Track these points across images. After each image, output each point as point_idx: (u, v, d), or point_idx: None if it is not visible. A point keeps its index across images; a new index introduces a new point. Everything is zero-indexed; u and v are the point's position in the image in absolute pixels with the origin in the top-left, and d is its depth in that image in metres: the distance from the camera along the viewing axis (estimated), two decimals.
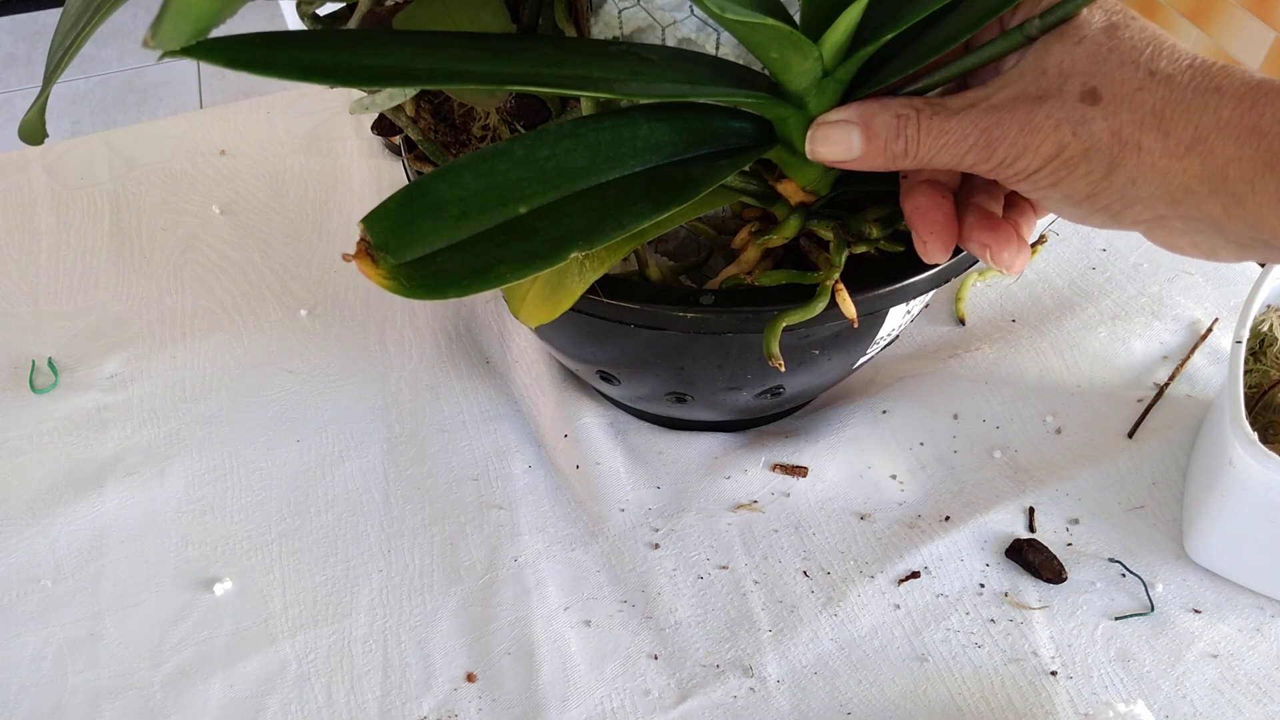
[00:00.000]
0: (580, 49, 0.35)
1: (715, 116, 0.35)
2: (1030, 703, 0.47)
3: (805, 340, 0.45)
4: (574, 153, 0.33)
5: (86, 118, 1.96)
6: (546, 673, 0.49)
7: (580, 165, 0.32)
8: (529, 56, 0.32)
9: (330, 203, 0.74)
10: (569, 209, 0.32)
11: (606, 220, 0.31)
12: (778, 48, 0.31)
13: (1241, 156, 0.27)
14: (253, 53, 0.27)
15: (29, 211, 0.73)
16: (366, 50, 0.30)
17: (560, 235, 0.31)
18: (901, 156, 0.32)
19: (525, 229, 0.31)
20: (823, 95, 0.34)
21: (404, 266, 0.29)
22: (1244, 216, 0.28)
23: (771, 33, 0.30)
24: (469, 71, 0.31)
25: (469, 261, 0.30)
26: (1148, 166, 0.29)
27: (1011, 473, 0.56)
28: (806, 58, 0.32)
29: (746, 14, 0.29)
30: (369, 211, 0.30)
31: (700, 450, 0.57)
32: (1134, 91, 0.29)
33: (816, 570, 0.52)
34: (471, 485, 0.57)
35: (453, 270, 0.30)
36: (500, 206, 0.31)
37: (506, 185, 0.31)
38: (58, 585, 0.53)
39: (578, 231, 0.31)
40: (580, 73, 0.32)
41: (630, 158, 0.33)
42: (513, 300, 0.40)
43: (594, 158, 0.33)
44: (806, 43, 0.31)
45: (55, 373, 0.63)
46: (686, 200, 0.32)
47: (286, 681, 0.49)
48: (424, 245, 0.30)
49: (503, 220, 0.31)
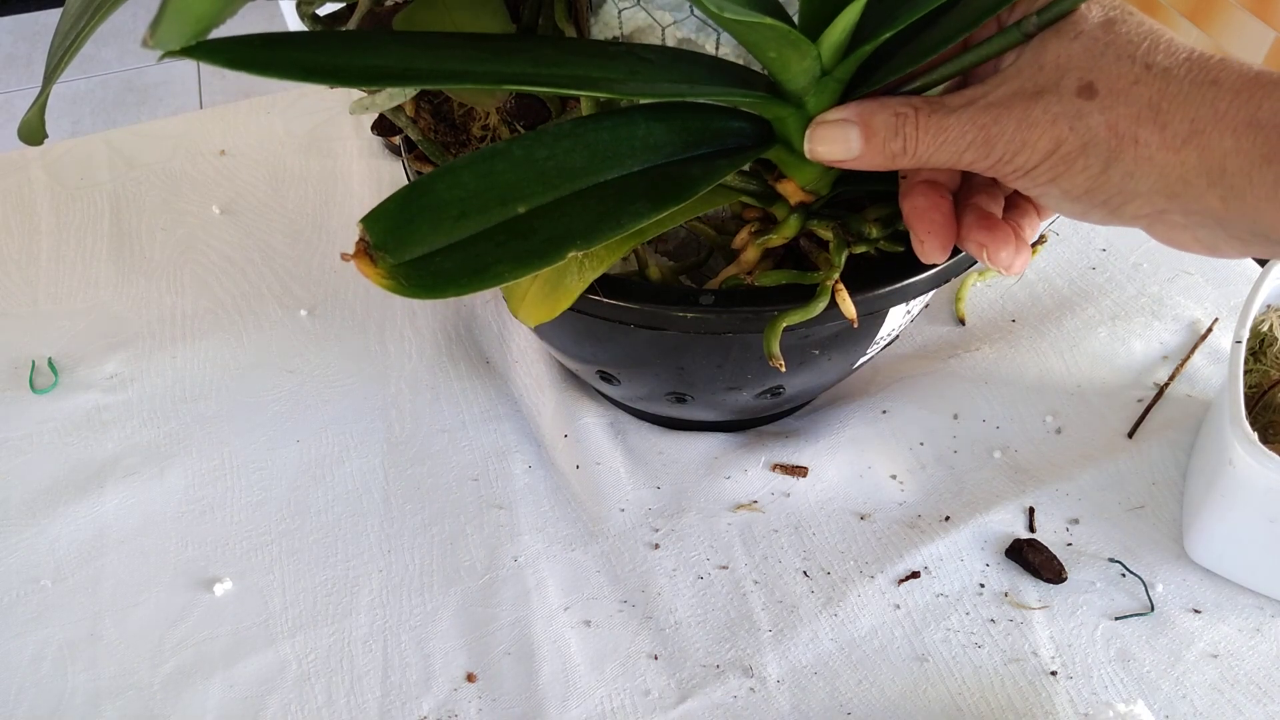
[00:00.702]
0: (580, 49, 0.35)
1: (714, 116, 0.35)
2: (1030, 703, 0.47)
3: (805, 340, 0.45)
4: (573, 153, 0.33)
5: (86, 118, 1.96)
6: (546, 673, 0.49)
7: (579, 165, 0.32)
8: (529, 56, 0.32)
9: (330, 203, 0.74)
10: (567, 209, 0.32)
11: (605, 220, 0.32)
12: (776, 47, 0.31)
13: (1239, 149, 0.27)
14: (253, 53, 0.27)
15: (29, 211, 0.73)
16: (367, 50, 0.30)
17: (558, 235, 0.31)
18: (900, 155, 0.32)
19: (524, 229, 0.31)
20: (821, 94, 0.34)
21: (402, 266, 0.29)
22: (1243, 210, 0.28)
23: (770, 32, 0.30)
24: (469, 71, 0.31)
25: (467, 261, 0.30)
26: (1145, 160, 0.29)
27: (1011, 473, 0.56)
28: (805, 57, 0.32)
29: (745, 14, 0.29)
30: (368, 211, 0.30)
31: (700, 450, 0.57)
32: (1130, 85, 0.29)
33: (816, 570, 0.52)
34: (471, 485, 0.57)
35: (451, 270, 0.30)
36: (499, 206, 0.31)
37: (505, 185, 0.31)
38: (57, 585, 0.53)
39: (576, 231, 0.31)
40: (580, 73, 0.32)
41: (629, 157, 0.33)
42: (512, 299, 0.40)
43: (593, 158, 0.33)
44: (805, 42, 0.31)
45: (55, 373, 0.63)
46: (685, 199, 0.32)
47: (286, 681, 0.49)
48: (423, 245, 0.30)
49: (501, 220, 0.31)
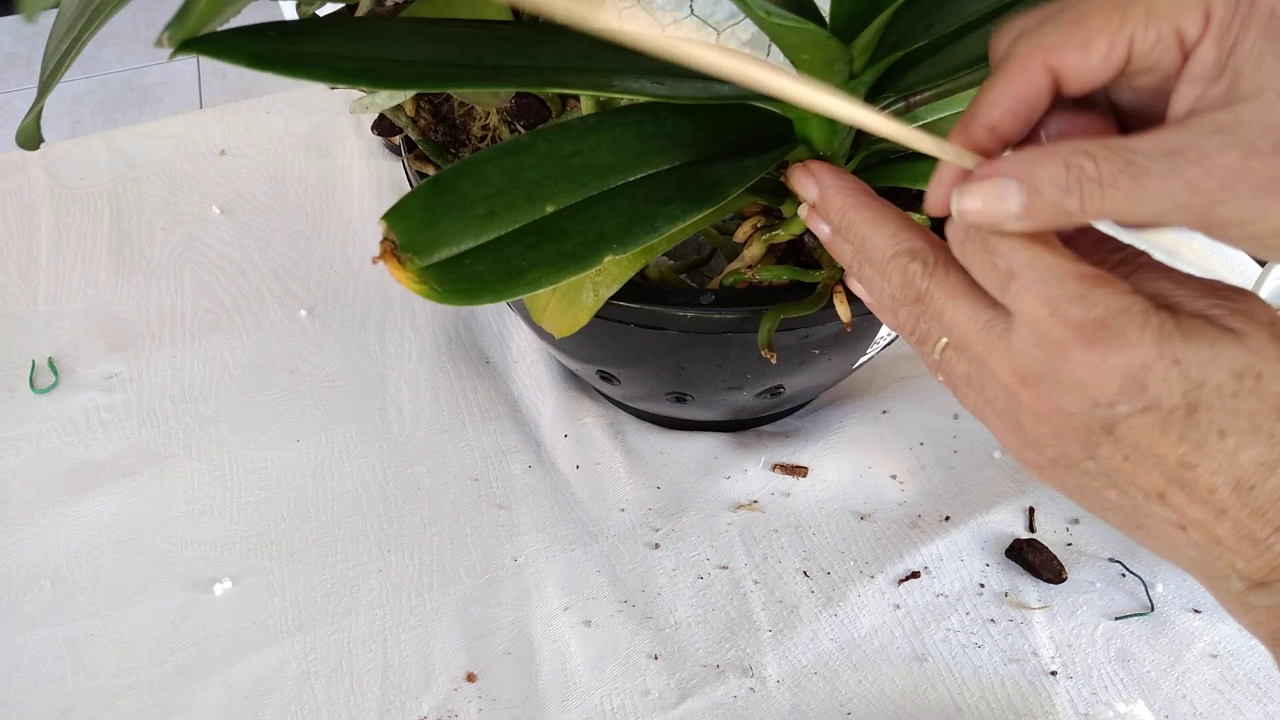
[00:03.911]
0: (609, 41, 0.34)
1: (737, 113, 0.35)
2: (1030, 703, 0.47)
3: (805, 340, 0.45)
4: (599, 149, 0.31)
5: (86, 118, 1.95)
6: (546, 673, 0.49)
7: (606, 163, 0.31)
8: (558, 50, 0.31)
9: (330, 203, 0.74)
10: (598, 209, 0.30)
11: (639, 222, 0.30)
12: (810, 50, 0.31)
13: None
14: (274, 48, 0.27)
15: (29, 211, 0.73)
16: (390, 43, 0.29)
17: (592, 238, 0.30)
18: (1078, 214, 0.26)
19: (555, 230, 0.30)
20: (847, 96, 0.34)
21: (433, 269, 0.28)
22: None
23: (809, 36, 0.30)
24: (503, 67, 0.30)
25: (500, 264, 0.29)
26: None
27: (1011, 472, 0.56)
28: (836, 60, 0.31)
29: (788, 18, 0.28)
30: (391, 207, 0.28)
31: (700, 450, 0.57)
32: None
33: (816, 570, 0.52)
34: (471, 485, 0.57)
35: (484, 273, 0.28)
36: (527, 205, 0.30)
37: (531, 182, 0.30)
38: (58, 586, 0.53)
39: (610, 234, 0.30)
40: (613, 67, 0.31)
41: (656, 155, 0.32)
42: (534, 309, 0.40)
43: (620, 155, 0.32)
44: (840, 47, 0.30)
45: (55, 373, 0.63)
46: (718, 202, 0.31)
47: (286, 681, 0.49)
48: (451, 245, 0.29)
49: (530, 220, 0.30)
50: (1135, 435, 0.26)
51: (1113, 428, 0.26)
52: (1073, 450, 0.27)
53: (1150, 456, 0.26)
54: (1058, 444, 0.27)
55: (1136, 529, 0.28)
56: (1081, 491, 0.28)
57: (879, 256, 0.30)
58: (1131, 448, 0.26)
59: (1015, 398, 0.28)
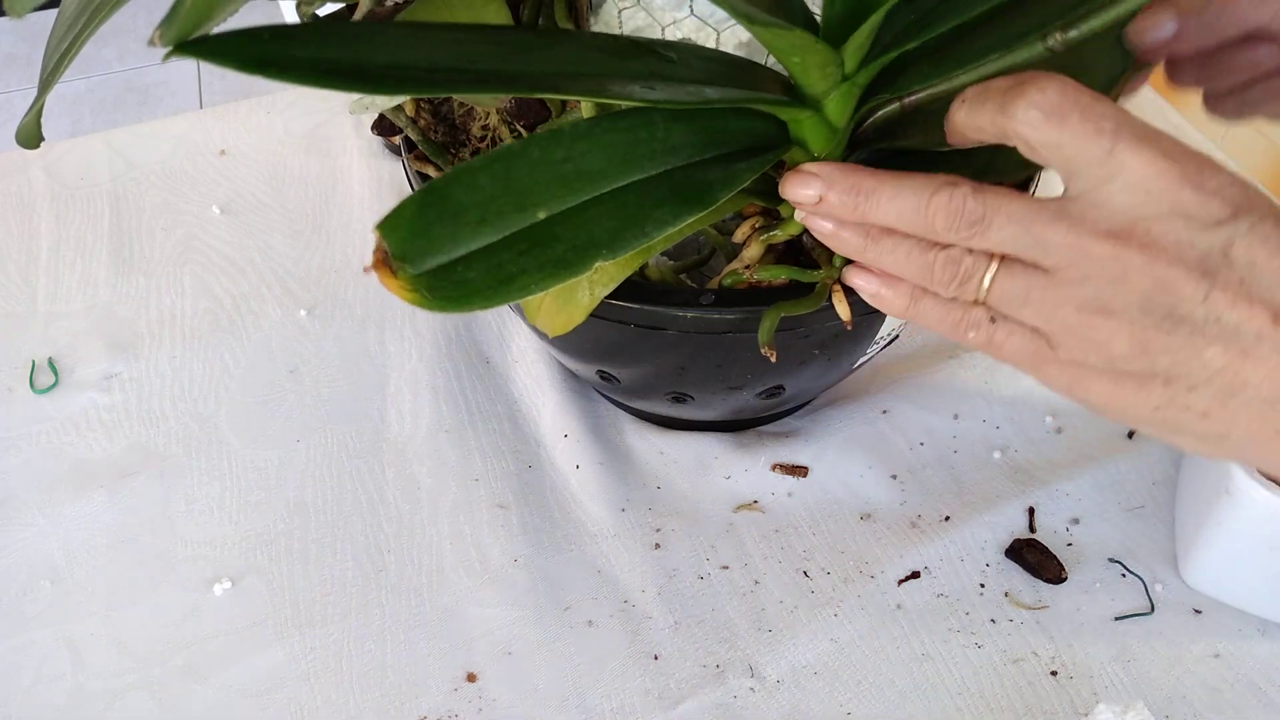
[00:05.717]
0: (601, 45, 0.34)
1: (730, 116, 0.35)
2: (1030, 703, 0.47)
3: (805, 340, 0.45)
4: (590, 155, 0.32)
5: (86, 118, 1.95)
6: (546, 673, 0.49)
7: (597, 168, 0.31)
8: (550, 55, 0.31)
9: (330, 203, 0.74)
10: (589, 215, 0.31)
11: (629, 227, 0.30)
12: (800, 54, 0.31)
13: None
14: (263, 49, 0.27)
15: (29, 211, 0.73)
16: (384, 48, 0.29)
17: (583, 243, 0.30)
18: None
19: (546, 236, 0.30)
20: (841, 98, 0.34)
21: (424, 276, 0.28)
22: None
23: (799, 40, 0.30)
24: (496, 72, 0.30)
25: (491, 271, 0.29)
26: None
27: (1011, 473, 0.56)
28: (828, 63, 0.31)
29: (774, 21, 0.28)
30: (383, 217, 0.28)
31: (700, 450, 0.57)
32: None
33: (816, 570, 0.52)
34: (471, 485, 0.57)
35: (475, 280, 0.29)
36: (518, 212, 0.30)
37: (523, 189, 0.30)
38: (57, 586, 0.53)
39: (601, 239, 0.30)
40: (603, 71, 0.31)
41: (647, 160, 0.32)
42: (529, 308, 0.40)
43: (611, 160, 0.32)
44: (830, 51, 0.30)
45: (55, 373, 0.63)
46: (709, 206, 0.31)
47: (286, 681, 0.49)
48: (443, 253, 0.29)
49: (522, 227, 0.30)
50: (1252, 251, 0.26)
51: (1229, 248, 0.27)
52: (1186, 295, 0.27)
53: (1266, 272, 0.26)
54: (1167, 298, 0.27)
55: (1230, 399, 0.28)
56: (1185, 376, 0.28)
57: (916, 204, 0.30)
58: (1248, 267, 0.26)
59: (1113, 264, 0.27)
